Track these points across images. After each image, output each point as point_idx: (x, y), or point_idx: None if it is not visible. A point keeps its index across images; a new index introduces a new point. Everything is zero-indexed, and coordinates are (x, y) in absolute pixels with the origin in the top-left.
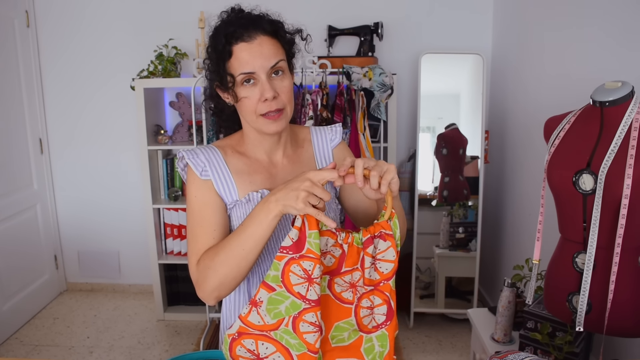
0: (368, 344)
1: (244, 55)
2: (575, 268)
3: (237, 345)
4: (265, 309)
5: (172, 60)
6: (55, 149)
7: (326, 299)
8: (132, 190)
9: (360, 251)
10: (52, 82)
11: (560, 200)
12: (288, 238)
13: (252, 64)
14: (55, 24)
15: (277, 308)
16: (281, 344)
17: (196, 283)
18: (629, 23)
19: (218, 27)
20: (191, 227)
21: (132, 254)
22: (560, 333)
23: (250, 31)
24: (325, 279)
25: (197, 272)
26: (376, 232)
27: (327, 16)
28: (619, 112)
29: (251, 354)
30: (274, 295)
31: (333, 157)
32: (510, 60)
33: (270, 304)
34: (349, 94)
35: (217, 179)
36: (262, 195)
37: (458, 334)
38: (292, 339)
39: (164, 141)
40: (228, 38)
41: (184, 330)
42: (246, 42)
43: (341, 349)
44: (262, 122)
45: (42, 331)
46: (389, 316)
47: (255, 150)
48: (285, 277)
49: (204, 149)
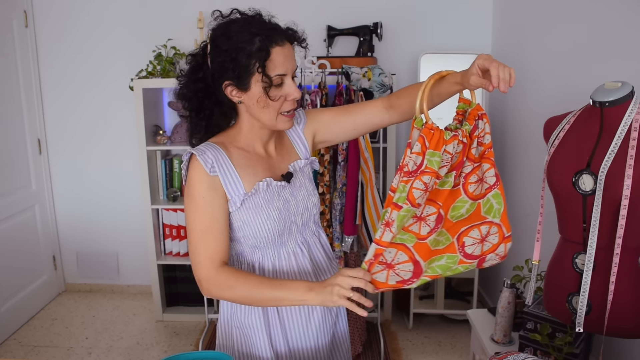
0: (487, 206)
1: (280, 58)
2: (575, 269)
3: (373, 267)
4: (396, 225)
5: (171, 61)
6: (54, 150)
7: (441, 191)
8: (131, 191)
9: (470, 138)
10: (51, 82)
11: (560, 201)
12: (412, 163)
13: (286, 66)
14: (53, 24)
15: (403, 220)
16: (397, 244)
17: (207, 282)
18: (629, 23)
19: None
20: (200, 229)
21: (130, 254)
22: (560, 334)
23: (281, 36)
24: (452, 175)
25: (214, 277)
26: (476, 116)
27: (327, 16)
28: (619, 113)
29: (382, 265)
30: (402, 212)
31: (305, 137)
32: (510, 60)
33: (399, 220)
34: (348, 94)
35: (224, 175)
36: (268, 183)
37: (457, 335)
38: (403, 235)
39: (163, 141)
40: (267, 40)
41: (183, 331)
42: (280, 46)
43: (462, 221)
44: (281, 119)
45: (41, 332)
46: (497, 177)
47: (254, 144)
48: (410, 194)
49: (209, 146)
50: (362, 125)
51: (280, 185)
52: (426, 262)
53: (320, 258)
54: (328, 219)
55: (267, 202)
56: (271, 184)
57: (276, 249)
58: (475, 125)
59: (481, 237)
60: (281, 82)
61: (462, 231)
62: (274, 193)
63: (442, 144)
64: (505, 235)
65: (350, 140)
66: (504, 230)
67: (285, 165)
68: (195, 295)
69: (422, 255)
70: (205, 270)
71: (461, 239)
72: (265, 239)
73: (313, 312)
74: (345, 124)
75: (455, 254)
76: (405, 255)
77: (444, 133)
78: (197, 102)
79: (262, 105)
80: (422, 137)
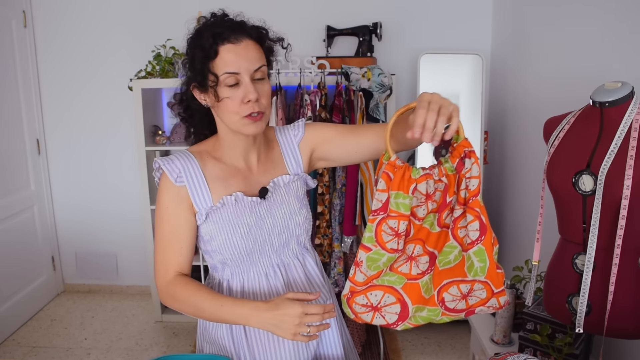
0: (468, 262)
1: (230, 55)
2: (575, 269)
3: (353, 303)
4: (365, 266)
5: (170, 61)
6: (53, 150)
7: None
8: (130, 191)
9: (456, 176)
10: (49, 83)
11: (559, 201)
12: (376, 201)
13: (238, 64)
14: (52, 24)
15: (376, 264)
16: (384, 286)
17: (160, 291)
18: (629, 23)
19: (201, 28)
20: (160, 238)
21: (129, 255)
22: (560, 334)
23: (237, 33)
24: (433, 217)
25: (164, 287)
26: (462, 154)
27: (326, 16)
28: (619, 113)
29: (366, 307)
30: (371, 254)
31: (300, 152)
32: (510, 61)
33: (369, 261)
34: (348, 94)
35: (192, 185)
36: (236, 198)
37: (457, 336)
38: (391, 277)
39: (162, 142)
40: (215, 38)
41: (182, 332)
42: (233, 43)
43: (447, 270)
44: (243, 122)
45: (40, 333)
46: (482, 231)
47: (232, 154)
48: (379, 236)
49: (180, 155)
50: (365, 148)
51: (253, 201)
52: (414, 306)
53: (298, 283)
54: (327, 220)
55: (235, 217)
56: (242, 199)
57: (245, 268)
58: (462, 163)
59: (461, 294)
60: (236, 82)
61: (442, 285)
62: (244, 208)
63: (410, 184)
64: (495, 291)
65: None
66: (492, 287)
67: (266, 179)
68: None
69: (412, 297)
70: (159, 279)
71: (441, 294)
72: (232, 256)
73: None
74: (348, 146)
75: (437, 307)
76: (392, 297)
77: (410, 170)
78: (185, 106)
79: (220, 108)
80: (386, 173)
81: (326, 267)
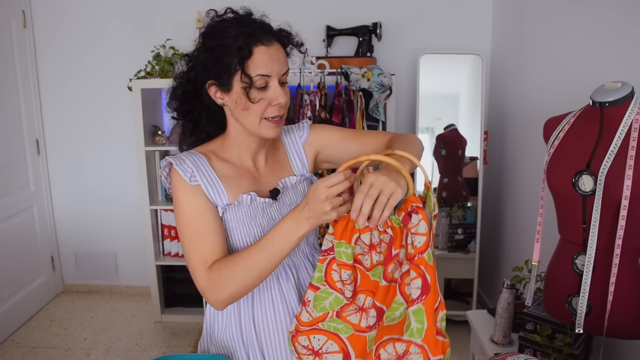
0: (407, 321)
1: (264, 58)
2: (575, 269)
3: (296, 342)
4: (312, 306)
5: (170, 61)
6: (52, 150)
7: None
8: (130, 191)
9: (403, 229)
10: (49, 83)
11: (559, 202)
12: (326, 241)
13: (270, 67)
14: (52, 24)
15: (322, 303)
16: (329, 332)
17: (207, 290)
18: (629, 23)
19: (224, 24)
20: (190, 235)
21: (129, 255)
22: (560, 335)
23: (269, 36)
24: (380, 269)
25: (209, 280)
26: (409, 208)
27: (326, 16)
28: (619, 113)
29: (308, 350)
30: (319, 293)
31: (305, 153)
32: (510, 61)
33: (316, 300)
34: (348, 94)
35: (207, 183)
36: (252, 198)
37: (457, 336)
38: (338, 324)
39: (162, 142)
40: (250, 38)
41: (182, 332)
42: (265, 45)
43: (390, 327)
44: (265, 125)
45: (39, 333)
46: (424, 290)
47: (241, 155)
48: (328, 275)
49: (189, 154)
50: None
51: (266, 202)
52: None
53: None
54: None
55: (249, 217)
56: (255, 199)
57: None
58: (408, 217)
59: (396, 354)
60: (265, 84)
61: (381, 341)
62: (257, 209)
63: (353, 234)
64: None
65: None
66: (429, 353)
67: (274, 180)
68: (194, 296)
69: (356, 349)
70: (201, 278)
71: (378, 350)
72: None
73: None
74: (350, 150)
75: None
76: (336, 346)
77: (354, 222)
78: (187, 105)
79: (242, 107)
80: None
81: None
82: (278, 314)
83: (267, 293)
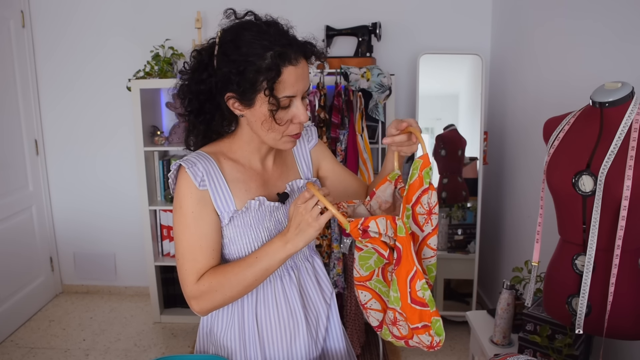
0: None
1: (291, 79)
2: (575, 270)
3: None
4: (358, 264)
5: (169, 61)
6: (51, 150)
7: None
8: (128, 192)
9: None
10: (48, 83)
11: (559, 202)
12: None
13: (296, 88)
14: (50, 24)
15: (367, 263)
16: (374, 291)
17: (194, 299)
18: (629, 23)
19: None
20: (187, 245)
21: (128, 255)
22: (560, 336)
23: (297, 54)
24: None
25: (197, 290)
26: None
27: (325, 16)
28: (619, 113)
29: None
30: (362, 253)
31: (312, 158)
32: (510, 61)
33: (361, 260)
34: (347, 94)
35: (214, 189)
36: (260, 203)
37: (457, 337)
38: (383, 287)
39: (161, 142)
40: (279, 59)
41: (181, 333)
42: (294, 65)
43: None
44: (285, 140)
45: (38, 334)
46: (397, 261)
47: (251, 158)
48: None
49: (200, 157)
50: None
51: (274, 206)
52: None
53: (309, 285)
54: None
55: (257, 222)
56: (264, 204)
57: None
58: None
59: (391, 320)
60: (289, 103)
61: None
62: (265, 213)
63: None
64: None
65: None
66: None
67: (282, 183)
68: None
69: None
70: (189, 287)
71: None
72: None
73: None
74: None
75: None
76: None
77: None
78: (198, 104)
79: (266, 128)
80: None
81: (326, 268)
82: (281, 313)
83: (271, 293)
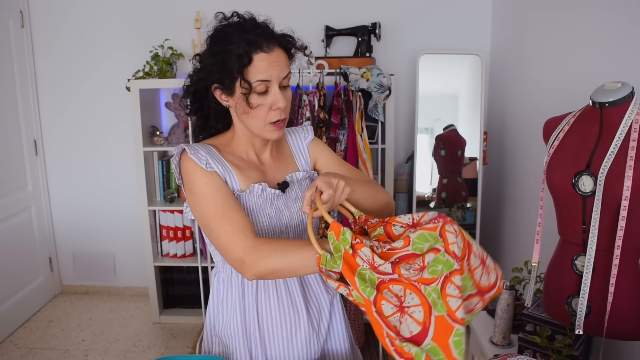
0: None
1: (263, 64)
2: (575, 270)
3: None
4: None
5: (168, 61)
6: (50, 150)
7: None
8: (128, 192)
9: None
10: (47, 83)
11: (559, 202)
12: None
13: (270, 72)
14: (50, 24)
15: (437, 266)
16: (427, 300)
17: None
18: (629, 23)
19: (229, 30)
20: (216, 210)
21: (127, 256)
22: (560, 336)
23: (270, 43)
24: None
25: (253, 247)
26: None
27: (325, 16)
28: (619, 113)
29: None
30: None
31: (309, 153)
32: (509, 61)
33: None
34: (347, 94)
35: (221, 170)
36: (263, 188)
37: None
38: (437, 298)
39: (160, 142)
40: (249, 45)
41: (180, 333)
42: (266, 52)
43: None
44: (268, 128)
45: (37, 334)
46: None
47: (247, 150)
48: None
49: (201, 145)
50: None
51: (275, 194)
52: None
53: (310, 277)
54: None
55: (259, 207)
56: (266, 190)
57: None
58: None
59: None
60: (266, 89)
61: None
62: (266, 200)
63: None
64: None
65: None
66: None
67: (280, 175)
68: (192, 297)
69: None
70: (241, 245)
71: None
72: None
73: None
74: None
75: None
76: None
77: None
78: (197, 103)
79: (242, 111)
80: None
81: None
82: (282, 307)
83: (273, 287)
